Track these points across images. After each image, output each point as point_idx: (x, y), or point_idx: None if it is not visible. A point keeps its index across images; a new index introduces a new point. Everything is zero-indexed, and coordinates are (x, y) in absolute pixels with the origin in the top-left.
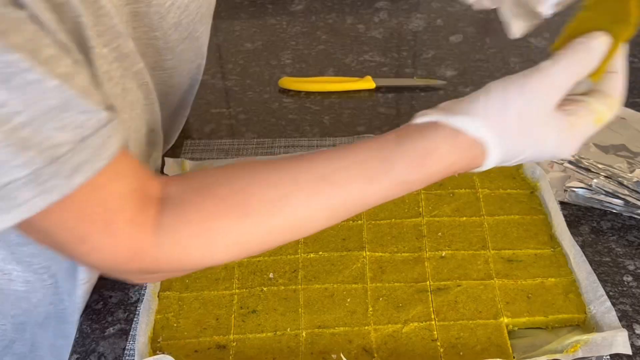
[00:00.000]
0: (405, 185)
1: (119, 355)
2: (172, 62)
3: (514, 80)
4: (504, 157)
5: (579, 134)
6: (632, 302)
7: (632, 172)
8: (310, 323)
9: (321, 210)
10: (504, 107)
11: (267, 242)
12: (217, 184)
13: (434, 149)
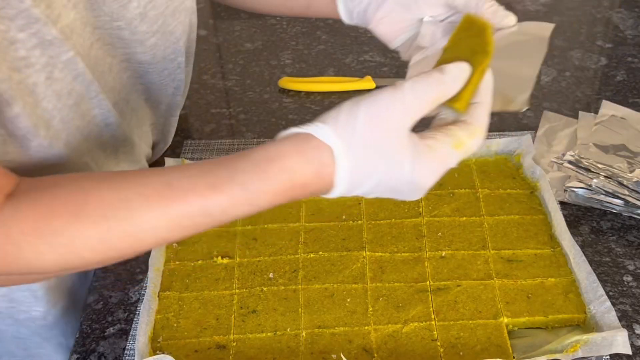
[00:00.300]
0: (249, 195)
1: (119, 355)
2: (145, 56)
3: (368, 95)
4: (355, 172)
5: (438, 159)
6: (632, 302)
7: (632, 172)
8: (310, 323)
9: (162, 218)
10: (353, 119)
11: (102, 250)
12: (60, 185)
13: (279, 155)
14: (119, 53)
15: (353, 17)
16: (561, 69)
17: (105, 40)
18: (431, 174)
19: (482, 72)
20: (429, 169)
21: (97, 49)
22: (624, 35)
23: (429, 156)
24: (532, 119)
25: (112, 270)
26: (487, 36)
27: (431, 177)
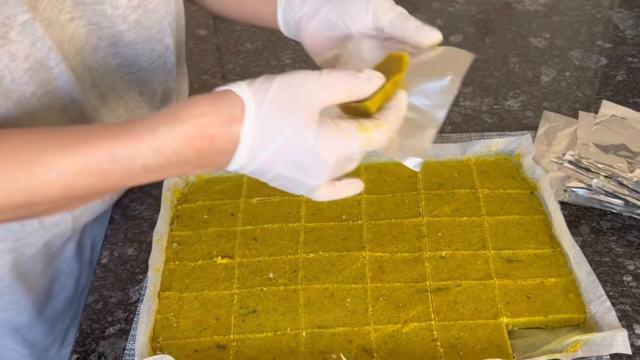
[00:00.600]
0: (156, 140)
1: (119, 355)
2: (129, 35)
3: (289, 72)
4: (262, 129)
5: (343, 135)
6: (632, 302)
7: (632, 172)
8: (310, 323)
9: (71, 161)
10: (269, 82)
11: (11, 190)
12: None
13: (192, 103)
14: (105, 35)
15: (289, 28)
16: (561, 69)
17: (89, 19)
18: (334, 147)
19: (395, 84)
20: (332, 142)
21: (81, 26)
22: (624, 35)
23: (334, 130)
24: (532, 119)
25: (112, 270)
26: (404, 62)
27: (333, 152)
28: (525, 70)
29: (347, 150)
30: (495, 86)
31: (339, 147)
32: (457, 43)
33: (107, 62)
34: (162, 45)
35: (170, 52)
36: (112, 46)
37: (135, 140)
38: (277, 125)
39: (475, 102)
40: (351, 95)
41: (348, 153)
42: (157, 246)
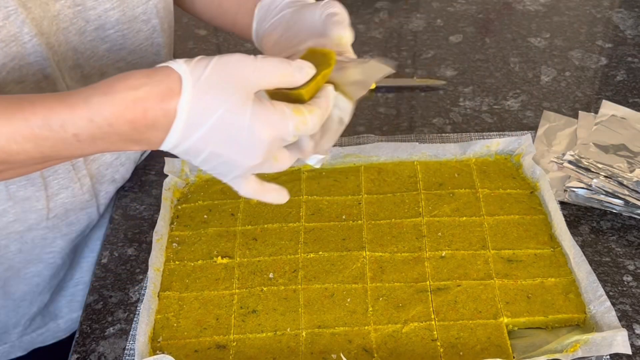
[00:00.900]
0: (89, 109)
1: (119, 355)
2: (114, 13)
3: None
4: (197, 104)
5: (278, 114)
6: (632, 302)
7: (632, 172)
8: (310, 323)
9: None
10: (206, 61)
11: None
12: None
13: (130, 75)
14: (91, 17)
15: (258, 41)
16: (561, 69)
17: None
18: (269, 125)
19: (325, 77)
20: (268, 120)
21: (67, 7)
22: (624, 35)
23: (270, 109)
24: (532, 118)
25: (112, 270)
26: (331, 58)
27: (269, 129)
28: (525, 70)
29: (282, 130)
30: (495, 86)
31: (274, 126)
32: (457, 43)
33: (95, 47)
34: (148, 27)
35: (158, 34)
36: (100, 29)
37: (70, 108)
38: (214, 102)
39: (475, 102)
40: (284, 81)
41: (282, 133)
42: (157, 246)
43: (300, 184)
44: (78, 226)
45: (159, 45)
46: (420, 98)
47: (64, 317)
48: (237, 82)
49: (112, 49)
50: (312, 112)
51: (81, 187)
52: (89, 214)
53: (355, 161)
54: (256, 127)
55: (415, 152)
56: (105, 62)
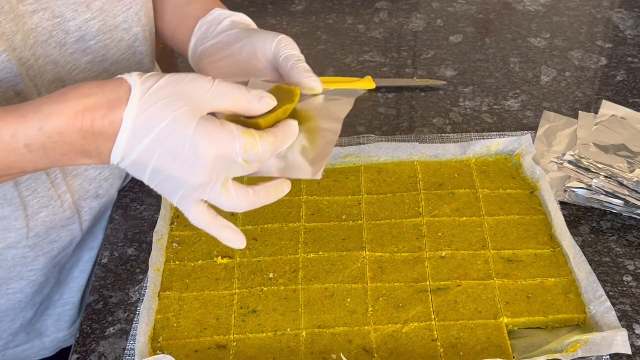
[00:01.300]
0: (39, 117)
1: (119, 355)
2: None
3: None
4: (144, 114)
5: (225, 132)
6: (632, 302)
7: (632, 172)
8: (310, 323)
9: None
10: (158, 76)
11: None
12: None
13: (83, 85)
14: (72, 28)
15: (195, 57)
16: (561, 69)
17: (54, 11)
18: (213, 141)
19: (286, 111)
20: (212, 136)
21: (45, 19)
22: (624, 35)
23: (217, 126)
24: (532, 118)
25: (112, 270)
26: (295, 95)
27: (212, 146)
28: (525, 70)
29: (227, 148)
30: (495, 86)
31: (218, 143)
32: (457, 43)
33: (76, 59)
34: (130, 35)
35: (140, 42)
36: (81, 41)
37: (20, 118)
38: (159, 112)
39: (475, 102)
40: (240, 107)
41: (229, 152)
42: (157, 246)
43: (300, 183)
44: (60, 243)
45: (142, 54)
46: (420, 98)
47: (50, 336)
48: (187, 97)
49: (94, 60)
50: (263, 138)
51: (62, 204)
52: (71, 230)
53: (355, 161)
54: (199, 142)
55: (415, 152)
56: (88, 75)
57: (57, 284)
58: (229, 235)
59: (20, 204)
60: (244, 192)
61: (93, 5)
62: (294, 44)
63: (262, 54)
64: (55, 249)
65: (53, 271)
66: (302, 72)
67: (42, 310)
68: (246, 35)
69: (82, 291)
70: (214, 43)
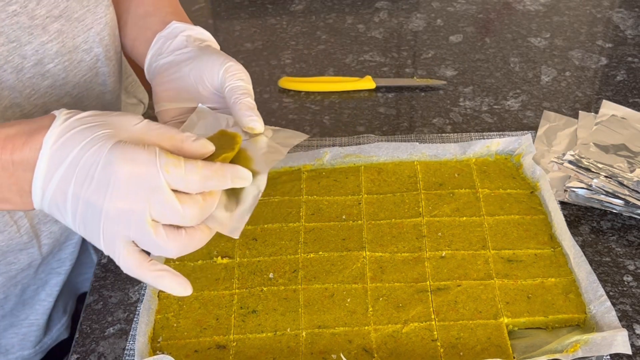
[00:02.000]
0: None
1: (119, 355)
2: (53, 46)
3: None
4: (60, 140)
5: (142, 153)
6: (632, 302)
7: (632, 172)
8: (310, 323)
9: None
10: (89, 112)
11: None
12: None
13: (13, 120)
14: (28, 52)
15: (150, 72)
16: (561, 69)
17: (8, 36)
18: (128, 160)
19: (225, 160)
20: (128, 155)
21: (0, 45)
22: (624, 35)
23: (137, 146)
24: (532, 118)
25: (112, 270)
26: (237, 142)
27: (126, 165)
28: (525, 70)
29: (147, 168)
30: (495, 86)
31: (136, 161)
32: (457, 43)
33: (35, 84)
34: (91, 56)
35: (102, 62)
36: (39, 65)
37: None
38: (78, 135)
39: (475, 102)
40: (172, 146)
41: (149, 171)
42: None
43: (300, 183)
44: (18, 265)
45: (105, 75)
46: (420, 98)
47: (15, 354)
48: (111, 125)
49: (55, 84)
50: (192, 163)
51: (18, 230)
52: (29, 254)
53: (355, 161)
54: (113, 158)
55: (415, 152)
56: (48, 99)
57: (22, 304)
58: (169, 283)
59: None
60: (174, 233)
61: (50, 27)
62: (242, 73)
63: (209, 81)
64: (13, 270)
65: (14, 290)
66: (243, 110)
67: (5, 326)
68: (196, 57)
69: (48, 314)
70: (165, 62)
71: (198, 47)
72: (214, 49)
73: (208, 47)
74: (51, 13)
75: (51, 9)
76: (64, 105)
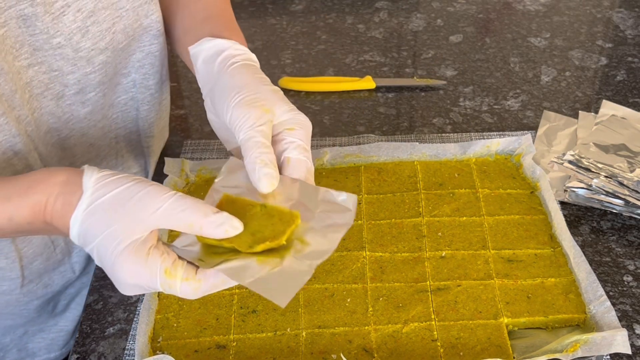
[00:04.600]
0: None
1: (119, 355)
2: (96, 76)
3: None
4: (83, 227)
5: (144, 269)
6: (632, 302)
7: (632, 172)
8: (310, 323)
9: None
10: (114, 187)
11: None
12: None
13: (49, 176)
14: (70, 81)
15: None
16: (561, 68)
17: (51, 65)
18: (133, 273)
19: (265, 247)
20: (132, 268)
21: (41, 73)
22: (624, 35)
23: (140, 259)
24: (532, 118)
25: None
26: (292, 223)
27: (131, 276)
28: (525, 70)
29: (147, 282)
30: (495, 86)
31: (138, 275)
32: (457, 43)
33: (75, 110)
34: (128, 80)
35: (137, 90)
36: (80, 93)
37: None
38: (96, 229)
39: (475, 102)
40: (192, 231)
41: (149, 285)
42: None
43: None
44: (53, 287)
45: (138, 101)
46: (420, 98)
47: (42, 357)
48: (129, 217)
49: (94, 110)
50: (186, 281)
51: (54, 249)
52: (62, 273)
53: (355, 161)
54: (118, 270)
55: (415, 152)
56: (86, 124)
57: (53, 316)
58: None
59: (16, 256)
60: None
61: (95, 59)
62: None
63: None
64: (49, 293)
65: (47, 307)
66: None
67: (34, 332)
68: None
69: (77, 320)
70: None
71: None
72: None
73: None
74: (97, 46)
75: (97, 42)
76: (102, 129)
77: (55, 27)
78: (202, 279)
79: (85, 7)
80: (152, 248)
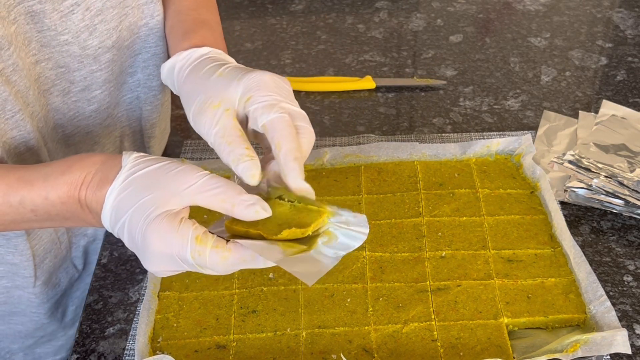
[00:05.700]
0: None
1: (119, 355)
2: (102, 74)
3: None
4: (117, 199)
5: (175, 236)
6: (632, 302)
7: (632, 172)
8: (310, 323)
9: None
10: (152, 162)
11: None
12: None
13: (87, 157)
14: (77, 78)
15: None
16: (561, 68)
17: (57, 62)
18: (163, 241)
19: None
20: (163, 236)
21: (48, 69)
22: (624, 35)
23: (173, 227)
24: (532, 118)
25: (112, 270)
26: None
27: (161, 245)
28: (525, 70)
29: (177, 250)
30: (495, 86)
31: (168, 244)
32: (457, 43)
33: (80, 107)
34: (134, 79)
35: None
36: (86, 90)
37: (29, 185)
38: (131, 200)
39: (475, 102)
40: (223, 209)
41: (179, 254)
42: None
43: None
44: (61, 287)
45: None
46: (420, 98)
47: (48, 359)
48: (163, 189)
49: (100, 109)
50: (216, 249)
51: (60, 245)
52: (65, 269)
53: (355, 161)
54: (149, 238)
55: (415, 152)
56: (91, 122)
57: (62, 327)
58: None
59: (30, 254)
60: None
61: (102, 57)
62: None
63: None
64: (58, 293)
65: (56, 313)
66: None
67: (42, 341)
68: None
69: None
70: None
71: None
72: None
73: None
74: (103, 44)
75: (104, 40)
76: (108, 128)
77: (64, 24)
78: (233, 249)
79: (94, 5)
80: (184, 219)
